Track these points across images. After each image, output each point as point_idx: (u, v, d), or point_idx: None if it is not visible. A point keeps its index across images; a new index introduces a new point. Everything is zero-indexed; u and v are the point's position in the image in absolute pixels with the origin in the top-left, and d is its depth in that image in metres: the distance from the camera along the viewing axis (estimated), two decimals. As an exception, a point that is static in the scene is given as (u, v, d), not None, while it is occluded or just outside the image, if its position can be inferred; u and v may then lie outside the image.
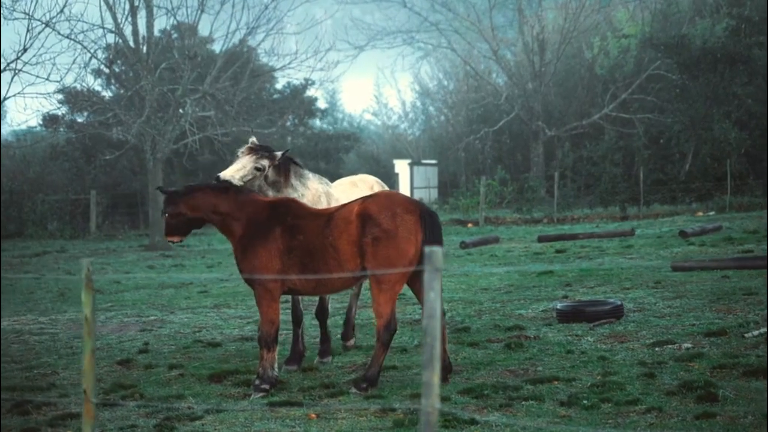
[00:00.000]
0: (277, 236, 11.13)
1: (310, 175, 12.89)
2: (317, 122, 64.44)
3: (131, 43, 38.93)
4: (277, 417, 10.00)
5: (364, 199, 11.25)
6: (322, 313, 13.26)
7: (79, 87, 40.71)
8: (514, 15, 60.51)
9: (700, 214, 39.60)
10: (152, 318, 17.93)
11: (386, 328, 10.91)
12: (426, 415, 4.70)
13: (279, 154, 12.38)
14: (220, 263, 30.69)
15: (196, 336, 15.54)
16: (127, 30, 38.52)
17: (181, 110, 38.56)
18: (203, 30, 43.83)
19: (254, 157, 12.21)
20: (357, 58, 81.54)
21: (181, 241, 12.14)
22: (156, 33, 40.66)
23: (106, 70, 45.97)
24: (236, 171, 12.10)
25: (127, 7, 38.21)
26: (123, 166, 51.63)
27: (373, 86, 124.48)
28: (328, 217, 11.18)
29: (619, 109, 54.86)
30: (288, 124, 57.61)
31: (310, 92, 58.76)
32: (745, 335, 12.68)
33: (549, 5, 59.30)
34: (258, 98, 53.70)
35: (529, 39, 57.38)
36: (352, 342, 14.01)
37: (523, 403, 10.14)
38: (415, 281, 11.11)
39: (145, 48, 39.00)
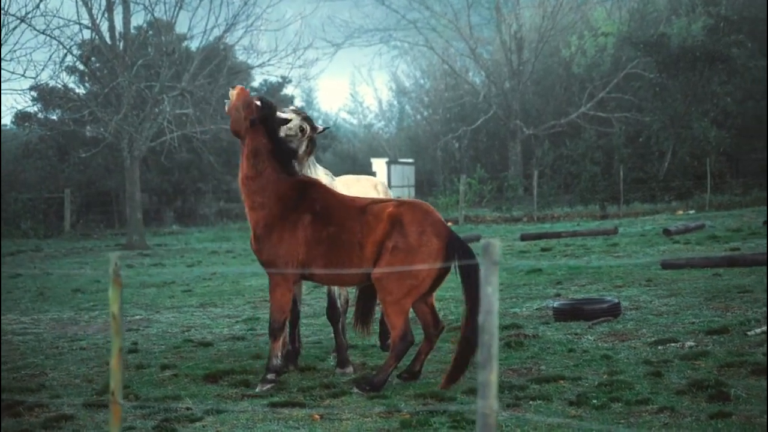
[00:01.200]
0: (306, 224, 10.65)
1: (319, 165, 12.36)
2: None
3: (108, 40, 38.48)
4: (279, 418, 9.72)
5: (401, 203, 10.85)
6: (333, 314, 12.25)
7: (53, 84, 40.28)
8: (491, 13, 60.38)
9: (680, 212, 39.57)
10: (138, 317, 17.60)
11: (401, 339, 10.58)
12: (483, 417, 4.46)
13: (320, 126, 11.94)
14: (200, 262, 30.38)
15: (185, 335, 15.23)
16: (104, 26, 38.11)
17: (158, 108, 38.13)
18: (182, 26, 43.44)
19: (301, 116, 11.72)
20: (333, 57, 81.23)
21: None
22: (133, 29, 40.25)
23: (81, 67, 45.42)
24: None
25: (104, 3, 37.78)
26: (97, 164, 51.08)
27: (349, 85, 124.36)
28: (359, 210, 10.71)
29: (597, 108, 54.86)
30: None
31: (287, 90, 58.41)
32: (748, 333, 12.51)
33: (526, 4, 59.24)
34: (235, 96, 53.19)
35: (506, 37, 57.27)
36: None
37: (531, 402, 9.92)
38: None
39: (121, 44, 38.58)
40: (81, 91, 49.18)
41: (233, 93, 11.17)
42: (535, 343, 12.92)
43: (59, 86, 40.96)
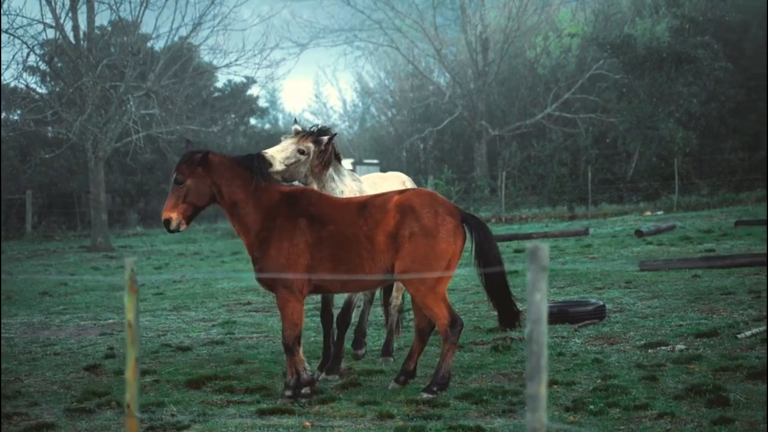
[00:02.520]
0: (303, 228, 10.24)
1: (345, 171, 11.91)
2: (258, 121, 63.68)
3: (72, 39, 37.97)
4: (269, 426, 9.44)
5: (404, 191, 10.63)
6: (344, 319, 11.86)
7: (15, 84, 39.73)
8: (456, 14, 60.22)
9: (648, 213, 39.56)
10: (110, 321, 17.23)
11: (451, 327, 10.36)
12: (533, 431, 4.21)
13: (325, 138, 11.31)
14: (167, 264, 29.98)
15: (162, 340, 14.90)
16: (68, 25, 37.59)
17: (123, 108, 37.64)
18: (147, 26, 42.97)
19: (297, 139, 11.25)
20: (299, 57, 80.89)
21: (177, 229, 10.59)
22: (97, 29, 39.75)
23: (43, 67, 44.84)
24: (278, 152, 11.09)
25: (68, 2, 37.26)
26: (60, 165, 50.43)
27: (313, 85, 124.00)
28: (359, 206, 10.39)
29: (562, 109, 54.84)
30: (228, 123, 56.80)
31: (252, 91, 58.02)
32: (738, 336, 12.37)
33: (491, 5, 59.13)
34: (199, 96, 52.87)
35: (472, 38, 57.13)
36: (362, 352, 12.75)
37: (526, 408, 9.67)
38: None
39: (85, 44, 38.07)
40: (43, 91, 48.57)
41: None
42: (522, 346, 12.72)
43: (21, 86, 40.38)
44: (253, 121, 61.78)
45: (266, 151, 11.14)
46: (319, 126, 11.65)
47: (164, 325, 16.50)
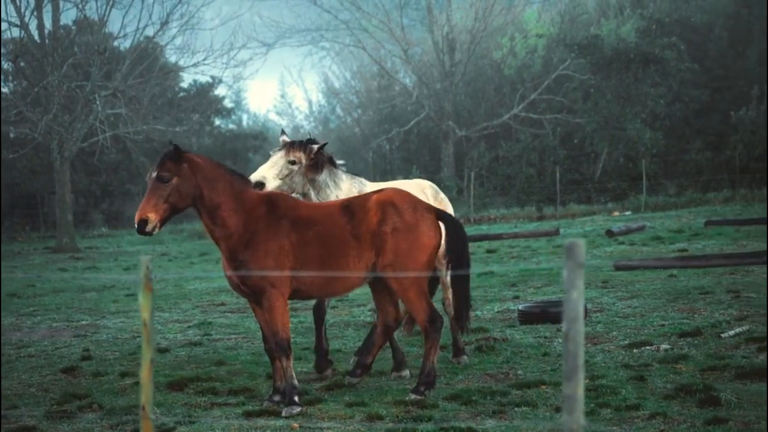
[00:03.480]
0: (287, 229, 10.02)
1: (343, 175, 11.76)
2: (223, 121, 63.32)
3: (37, 38, 37.59)
4: (256, 428, 9.28)
5: (380, 190, 10.60)
6: (319, 312, 11.78)
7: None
8: (422, 15, 60.14)
9: (617, 213, 39.66)
10: (83, 323, 17.00)
11: (431, 323, 10.30)
12: (570, 434, 4.09)
13: (315, 147, 11.30)
14: (135, 265, 29.68)
15: (138, 341, 14.68)
16: (33, 24, 37.22)
17: (90, 107, 37.28)
18: (114, 25, 42.63)
19: (286, 151, 11.22)
20: (265, 57, 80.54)
21: (152, 231, 9.84)
22: (62, 28, 39.37)
23: (7, 66, 44.32)
24: (268, 169, 11.11)
25: (33, 0, 36.87)
26: (23, 165, 49.91)
27: (278, 86, 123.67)
28: (341, 207, 10.29)
29: (528, 110, 54.90)
30: (193, 123, 56.42)
31: (218, 91, 57.72)
32: (722, 335, 12.33)
33: (458, 5, 59.09)
34: (164, 96, 52.51)
35: (438, 39, 57.08)
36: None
37: (516, 409, 9.59)
38: (378, 285, 10.55)
39: (51, 43, 37.68)
40: (6, 90, 48.05)
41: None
42: (506, 346, 12.63)
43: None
44: (217, 121, 61.42)
45: (255, 173, 11.13)
46: (309, 137, 11.71)
47: (138, 326, 16.23)
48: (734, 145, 45.17)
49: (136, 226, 9.79)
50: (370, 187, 11.79)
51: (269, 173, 11.10)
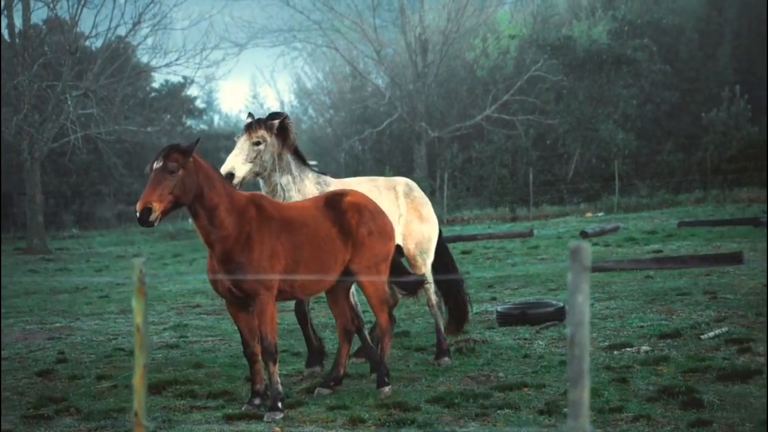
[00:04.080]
0: (277, 230, 9.90)
1: (311, 174, 11.69)
2: (194, 122, 63.01)
3: (6, 37, 37.27)
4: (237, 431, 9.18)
5: (344, 191, 10.65)
6: (299, 309, 11.86)
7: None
8: (395, 15, 60.07)
9: (589, 214, 39.73)
10: (57, 325, 16.81)
11: (391, 322, 10.93)
12: (575, 440, 4.02)
13: (276, 122, 11.20)
14: (107, 267, 29.50)
15: (113, 344, 14.55)
16: (3, 23, 36.92)
17: (61, 107, 36.99)
18: (85, 24, 42.32)
19: (247, 133, 11.12)
20: (238, 58, 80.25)
21: (155, 222, 9.42)
22: (32, 28, 39.06)
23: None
24: (235, 157, 11.01)
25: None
26: (-8, 165, 49.48)
27: (250, 86, 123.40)
28: (317, 207, 10.32)
29: (501, 111, 54.95)
30: (164, 123, 56.12)
31: (190, 91, 57.44)
32: (702, 337, 12.32)
33: (430, 6, 59.06)
34: (135, 97, 52.20)
35: (411, 39, 57.04)
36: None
37: (499, 411, 9.53)
38: (336, 289, 10.72)
39: (21, 42, 37.38)
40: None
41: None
42: (486, 348, 12.57)
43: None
44: (189, 121, 61.12)
45: (225, 164, 11.04)
46: (270, 112, 11.66)
47: (114, 329, 16.14)
48: (705, 147, 45.36)
49: (138, 214, 9.36)
50: (335, 184, 11.74)
51: (237, 161, 11.02)
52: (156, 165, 9.50)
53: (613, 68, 47.64)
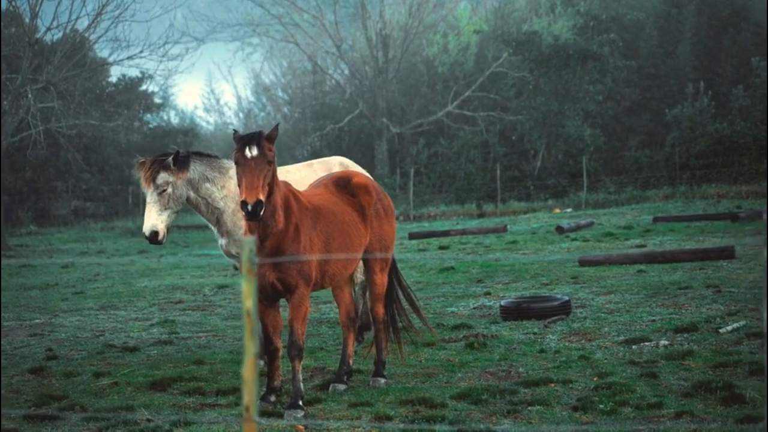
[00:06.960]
0: (314, 221, 9.43)
1: (225, 162, 11.58)
2: (152, 117, 62.12)
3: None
4: (258, 429, 8.67)
5: (348, 173, 10.50)
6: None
7: None
8: (356, 10, 59.54)
9: (558, 211, 39.49)
10: (37, 321, 16.17)
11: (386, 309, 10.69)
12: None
13: (170, 160, 11.07)
14: (73, 263, 28.75)
15: (102, 340, 13.98)
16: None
17: (21, 101, 36.09)
18: (46, 17, 41.39)
19: (151, 186, 11.00)
20: (196, 52, 79.27)
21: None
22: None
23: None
24: (150, 214, 10.98)
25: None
26: (-53, 161, 48.34)
27: (206, 81, 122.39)
28: (332, 192, 10.06)
29: (462, 107, 54.65)
30: (122, 119, 55.19)
31: (148, 86, 56.55)
32: (720, 330, 11.97)
33: (391, 1, 58.61)
34: (92, 92, 51.27)
35: (372, 34, 56.57)
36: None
37: (530, 408, 9.10)
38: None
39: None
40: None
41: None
42: (498, 343, 12.14)
43: None
44: (147, 117, 60.22)
45: (144, 226, 11.07)
46: (165, 152, 11.55)
47: (97, 325, 15.55)
48: (672, 143, 45.30)
49: (249, 209, 8.55)
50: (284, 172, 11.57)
51: (153, 216, 10.97)
52: (251, 153, 8.75)
53: (579, 63, 47.47)
